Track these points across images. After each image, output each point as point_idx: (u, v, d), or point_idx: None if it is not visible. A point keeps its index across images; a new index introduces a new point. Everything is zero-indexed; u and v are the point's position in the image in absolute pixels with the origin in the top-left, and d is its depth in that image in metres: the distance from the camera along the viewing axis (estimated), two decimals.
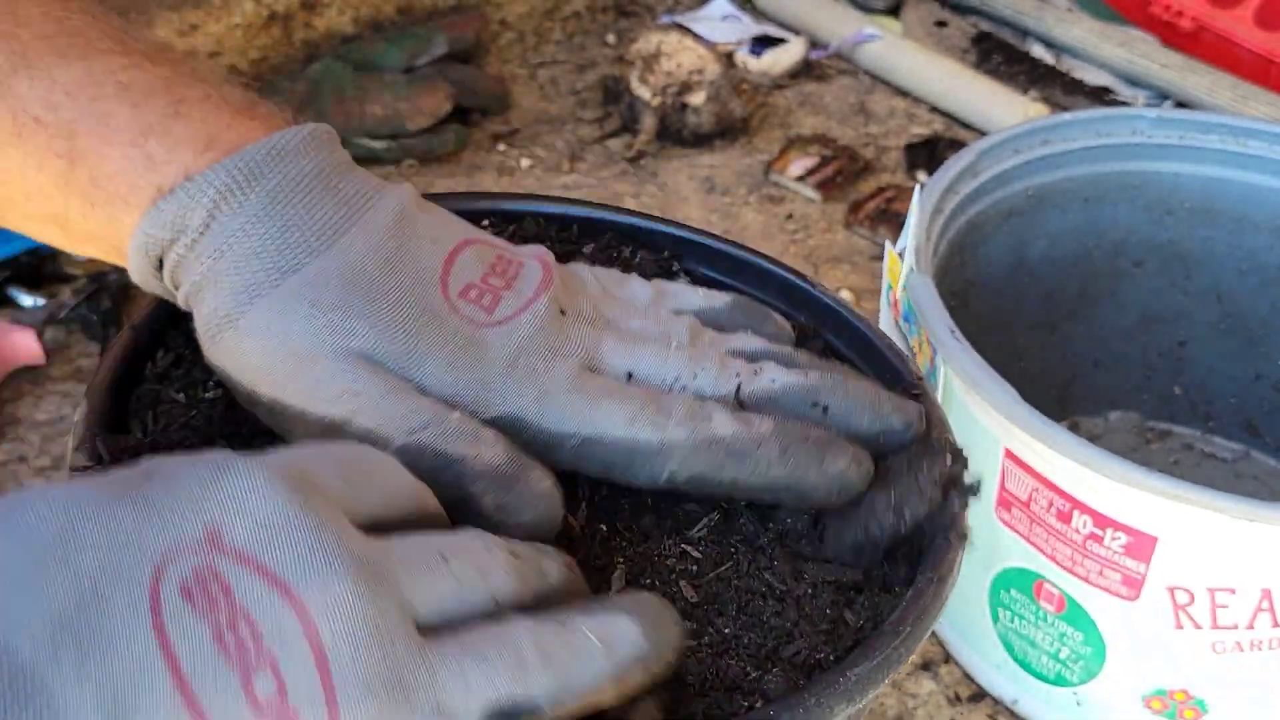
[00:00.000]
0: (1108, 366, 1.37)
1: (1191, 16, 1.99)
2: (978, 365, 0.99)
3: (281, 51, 1.74)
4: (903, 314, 1.10)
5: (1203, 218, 1.28)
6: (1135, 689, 1.03)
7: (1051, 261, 1.29)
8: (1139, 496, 0.93)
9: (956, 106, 1.90)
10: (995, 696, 1.12)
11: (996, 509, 1.02)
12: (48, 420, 1.37)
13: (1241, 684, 1.00)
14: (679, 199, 1.72)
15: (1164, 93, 1.93)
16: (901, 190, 1.71)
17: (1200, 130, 1.26)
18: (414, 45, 1.75)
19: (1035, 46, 2.04)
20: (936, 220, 1.12)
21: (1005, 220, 1.23)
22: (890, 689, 1.15)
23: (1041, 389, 1.22)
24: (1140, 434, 1.38)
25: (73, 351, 1.45)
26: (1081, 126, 1.25)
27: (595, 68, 1.95)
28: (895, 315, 1.12)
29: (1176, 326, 1.34)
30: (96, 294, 1.47)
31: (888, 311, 1.15)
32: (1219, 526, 0.92)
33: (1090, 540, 0.97)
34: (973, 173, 1.19)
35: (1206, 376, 1.35)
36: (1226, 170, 1.25)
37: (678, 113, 1.79)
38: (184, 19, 1.66)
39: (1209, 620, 0.97)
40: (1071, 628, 1.02)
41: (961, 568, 0.70)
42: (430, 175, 1.73)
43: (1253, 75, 1.91)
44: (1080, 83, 1.96)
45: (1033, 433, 0.96)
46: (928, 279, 1.05)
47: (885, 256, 1.11)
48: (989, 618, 1.08)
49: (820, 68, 2.00)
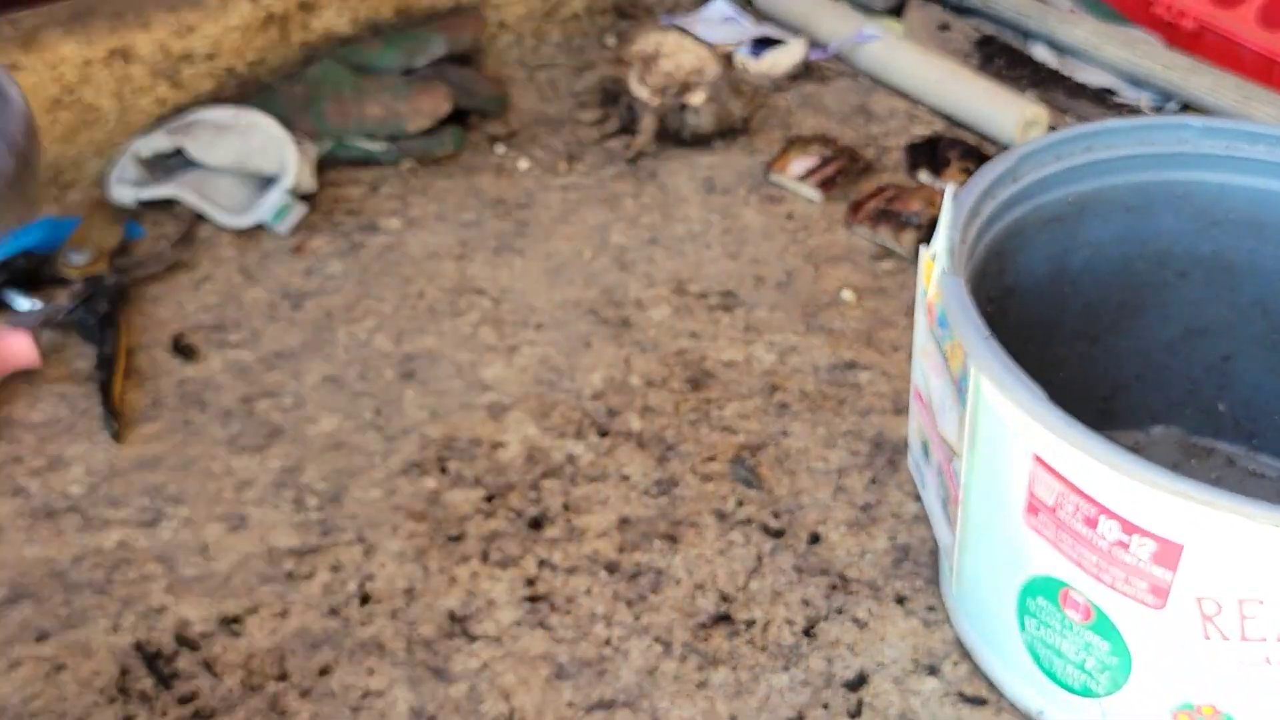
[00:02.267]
0: (1150, 380, 1.35)
1: (1194, 17, 1.98)
2: (1005, 366, 0.97)
3: (279, 53, 1.73)
4: (937, 319, 1.09)
5: (1249, 229, 1.25)
6: (1162, 702, 1.01)
7: (1093, 271, 1.27)
8: (1166, 501, 0.92)
9: (956, 107, 1.89)
10: (1021, 708, 1.11)
11: (1024, 514, 1.01)
12: (43, 421, 1.36)
13: (1271, 699, 0.98)
14: (678, 199, 1.71)
15: (1167, 93, 1.92)
16: (902, 189, 1.70)
17: (1248, 141, 1.24)
18: (412, 47, 1.75)
19: (1038, 49, 2.03)
20: (973, 223, 1.10)
21: (1046, 227, 1.21)
22: (893, 686, 1.15)
23: (1082, 401, 1.21)
24: (1183, 450, 1.36)
25: (69, 354, 1.44)
26: (1126, 134, 1.23)
27: (594, 69, 1.94)
28: (930, 320, 1.11)
29: (1221, 340, 1.32)
30: (93, 297, 1.46)
31: (922, 317, 1.13)
32: (1247, 534, 0.91)
33: (1117, 547, 0.96)
34: (1013, 177, 1.17)
35: (1252, 393, 1.33)
36: (1274, 182, 1.23)
37: (677, 113, 1.78)
38: (181, 20, 1.65)
39: (1237, 632, 0.95)
40: (1098, 637, 1.01)
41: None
42: (428, 176, 1.72)
43: (1256, 75, 1.90)
44: (1083, 86, 1.95)
45: (1059, 434, 0.95)
46: (959, 280, 1.03)
47: (920, 262, 1.09)
48: (1016, 626, 1.06)
49: (820, 69, 1.99)
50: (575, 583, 1.22)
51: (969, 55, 2.03)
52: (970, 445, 1.06)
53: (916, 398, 1.19)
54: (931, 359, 1.12)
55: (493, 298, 1.54)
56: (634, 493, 1.31)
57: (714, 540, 1.27)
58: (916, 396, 1.19)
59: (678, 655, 1.17)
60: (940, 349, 1.08)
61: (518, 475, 1.32)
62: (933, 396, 1.13)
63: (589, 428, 1.38)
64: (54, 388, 1.40)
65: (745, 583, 1.23)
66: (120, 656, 1.16)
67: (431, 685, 1.14)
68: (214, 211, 1.60)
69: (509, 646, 1.17)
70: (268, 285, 1.54)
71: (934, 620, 1.20)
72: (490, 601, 1.20)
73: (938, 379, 1.11)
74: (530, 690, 1.13)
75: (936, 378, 1.11)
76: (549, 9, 1.98)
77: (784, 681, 1.15)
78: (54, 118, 1.60)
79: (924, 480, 1.22)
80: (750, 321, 1.52)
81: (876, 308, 1.55)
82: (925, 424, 1.18)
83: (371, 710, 1.11)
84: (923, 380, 1.16)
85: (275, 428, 1.37)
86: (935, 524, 1.20)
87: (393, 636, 1.17)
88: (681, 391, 1.43)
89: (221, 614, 1.19)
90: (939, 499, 1.17)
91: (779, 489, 1.32)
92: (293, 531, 1.26)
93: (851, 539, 1.27)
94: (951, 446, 1.09)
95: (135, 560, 1.24)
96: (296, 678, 1.14)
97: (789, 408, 1.41)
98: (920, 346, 1.16)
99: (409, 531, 1.26)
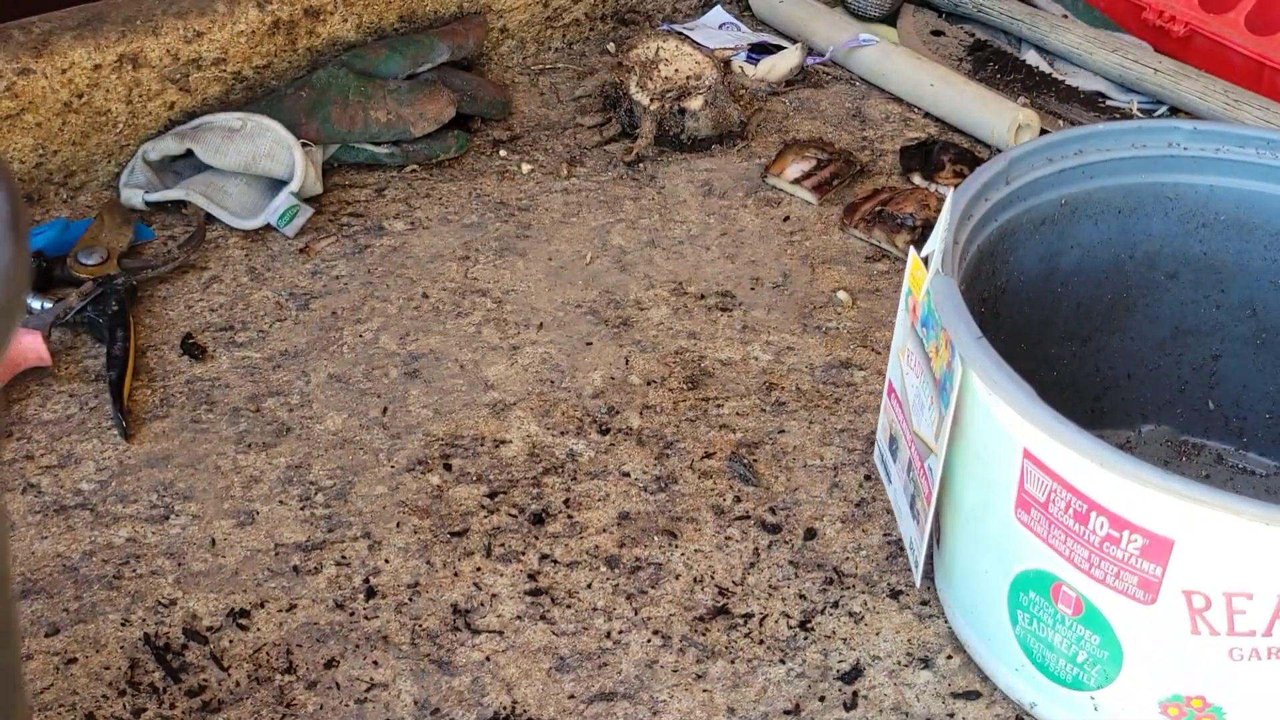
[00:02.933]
0: (1140, 379, 1.37)
1: (1183, 22, 2.00)
2: (997, 365, 0.99)
3: (285, 59, 1.74)
4: (920, 319, 1.11)
5: (1238, 231, 1.28)
6: (1152, 694, 1.03)
7: (1084, 272, 1.29)
8: (1155, 498, 0.94)
9: (949, 111, 1.91)
10: (1014, 701, 1.13)
11: (1015, 510, 1.03)
12: (54, 420, 1.38)
13: (1259, 691, 1.00)
14: (677, 202, 1.73)
15: (1157, 98, 1.94)
16: (897, 192, 1.72)
17: (1236, 144, 1.25)
18: (416, 52, 1.76)
19: (1029, 54, 2.05)
20: (965, 225, 1.12)
21: (1037, 228, 1.23)
22: (887, 679, 1.17)
23: (1073, 400, 1.23)
24: (1173, 447, 1.38)
25: (79, 353, 1.45)
26: (1116, 137, 1.25)
27: (594, 75, 1.96)
28: (913, 320, 1.13)
29: (1210, 340, 1.34)
30: (103, 298, 1.47)
31: (905, 316, 1.15)
32: (1236, 530, 0.93)
33: (1107, 542, 0.98)
34: (1005, 179, 1.19)
35: (1241, 391, 1.35)
36: (1262, 184, 1.25)
37: (676, 118, 1.80)
38: (189, 26, 1.66)
39: (1226, 626, 0.97)
40: (1089, 631, 1.02)
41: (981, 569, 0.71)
42: (432, 180, 1.74)
43: (1244, 80, 1.92)
44: (1074, 90, 1.97)
45: (1050, 432, 0.96)
46: (952, 281, 1.05)
47: (908, 262, 1.11)
48: (1008, 620, 1.08)
49: (816, 74, 2.01)
50: (576, 577, 1.24)
51: (962, 60, 2.05)
52: (960, 442, 1.08)
53: (890, 394, 1.21)
54: (911, 357, 1.14)
55: (495, 298, 1.56)
56: (634, 489, 1.33)
57: (712, 535, 1.29)
58: (890, 392, 1.21)
59: (676, 648, 1.19)
60: (923, 348, 1.10)
61: (520, 472, 1.34)
62: (909, 394, 1.15)
63: (590, 425, 1.40)
64: (65, 386, 1.41)
65: (743, 577, 1.25)
66: (130, 650, 1.18)
67: (435, 677, 1.15)
68: (222, 214, 1.62)
69: (511, 639, 1.19)
70: (275, 286, 1.56)
71: (927, 614, 1.22)
72: (493, 595, 1.22)
73: (916, 377, 1.13)
74: (532, 682, 1.15)
75: (915, 376, 1.13)
76: (550, 16, 1.99)
77: (780, 674, 1.17)
78: (65, 121, 1.62)
79: (889, 475, 1.24)
80: (748, 322, 1.54)
81: (871, 308, 1.57)
82: (897, 420, 1.19)
83: (376, 702, 1.13)
84: (899, 377, 1.18)
85: (283, 426, 1.39)
86: (900, 517, 1.22)
87: (398, 630, 1.19)
88: (680, 390, 1.45)
89: (230, 608, 1.21)
90: (906, 494, 1.19)
91: (776, 485, 1.34)
92: (300, 527, 1.28)
93: (846, 534, 1.29)
94: (926, 444, 1.11)
95: (145, 555, 1.26)
96: (303, 670, 1.16)
97: (785, 406, 1.43)
98: (900, 344, 1.18)
99: (414, 527, 1.28)
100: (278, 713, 1.12)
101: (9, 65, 1.56)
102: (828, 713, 1.14)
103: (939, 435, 1.07)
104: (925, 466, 1.11)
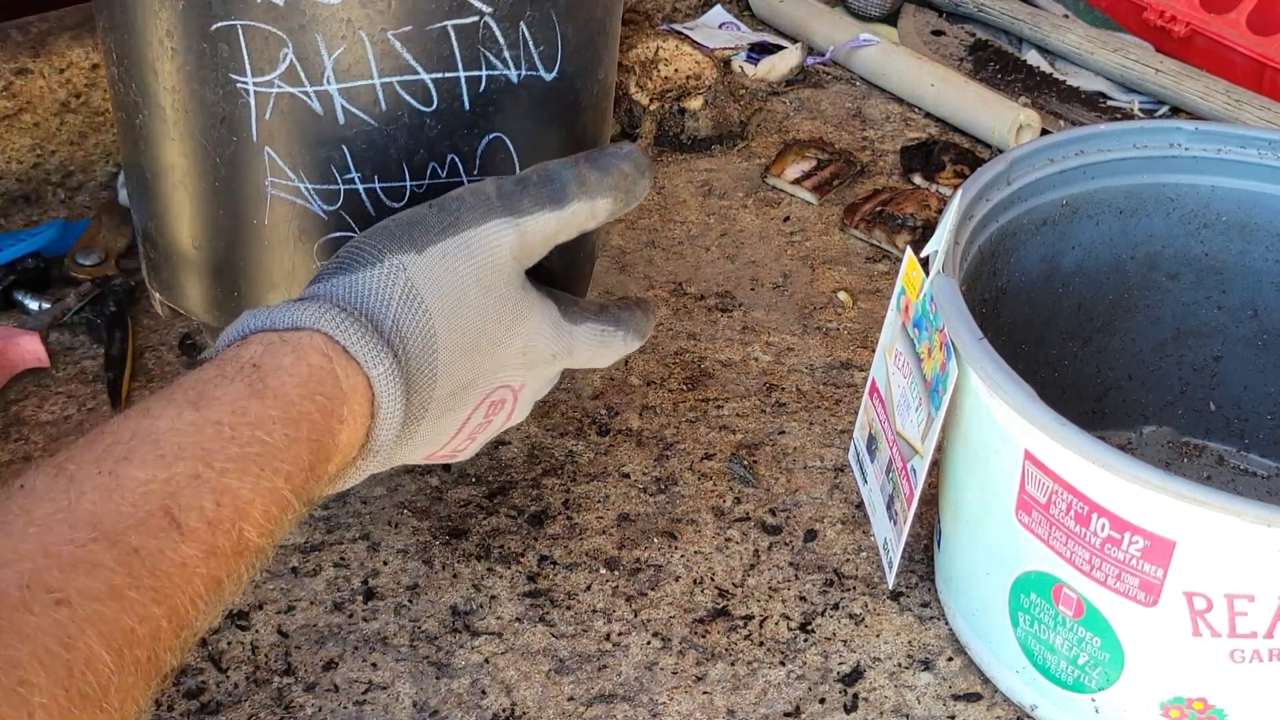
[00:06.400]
0: (1141, 380, 1.36)
1: (1185, 22, 2.00)
2: (998, 366, 0.99)
3: None
4: (913, 320, 1.10)
5: (1239, 231, 1.27)
6: (1153, 696, 1.03)
7: (1085, 273, 1.28)
8: (1156, 499, 0.94)
9: (950, 111, 1.91)
10: (1015, 703, 1.12)
11: (1016, 512, 1.02)
12: (52, 421, 1.38)
13: (1261, 694, 1.00)
14: (676, 202, 1.73)
15: (1158, 98, 1.94)
16: (897, 193, 1.72)
17: (1238, 144, 1.25)
18: None
19: (1030, 54, 2.05)
20: (966, 226, 1.12)
21: (1038, 229, 1.23)
22: (888, 681, 1.17)
23: (1074, 402, 1.22)
24: (1174, 449, 1.38)
25: (77, 354, 1.45)
26: (1118, 137, 1.25)
27: None
28: (905, 320, 1.13)
29: (1212, 341, 1.33)
30: (101, 298, 1.47)
31: (895, 316, 1.15)
32: (1237, 531, 0.93)
33: (1108, 544, 0.97)
34: (1006, 180, 1.19)
35: (1242, 393, 1.35)
36: (1264, 184, 1.24)
37: (676, 118, 1.80)
38: None
39: (1227, 628, 0.97)
40: (1090, 633, 1.02)
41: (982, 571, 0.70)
42: None
43: (1246, 80, 1.92)
44: (1075, 90, 1.97)
45: (1051, 434, 0.96)
46: (952, 281, 1.05)
47: (904, 262, 1.11)
48: (1008, 622, 1.08)
49: (817, 74, 2.01)
50: (575, 579, 1.24)
51: (962, 60, 2.05)
52: (961, 444, 1.08)
53: (871, 393, 1.21)
54: (899, 357, 1.14)
55: None
56: (633, 490, 1.33)
57: (712, 537, 1.29)
58: (872, 392, 1.21)
59: (676, 650, 1.18)
60: (914, 349, 1.10)
61: (519, 473, 1.34)
62: (894, 393, 1.15)
63: (589, 426, 1.40)
64: (63, 387, 1.41)
65: (743, 579, 1.25)
66: None
67: (434, 679, 1.15)
68: None
69: (510, 641, 1.18)
70: None
71: (928, 616, 1.22)
72: (492, 597, 1.22)
73: (904, 377, 1.12)
74: (531, 684, 1.15)
75: (902, 376, 1.13)
76: None
77: (781, 676, 1.17)
78: (62, 121, 1.61)
79: (865, 474, 1.24)
80: (748, 322, 1.54)
81: (872, 309, 1.57)
82: (879, 419, 1.19)
83: (375, 704, 1.13)
84: (883, 376, 1.18)
85: None
86: (874, 518, 1.22)
87: (396, 632, 1.19)
88: (680, 391, 1.44)
89: (228, 609, 1.21)
90: (884, 494, 1.18)
91: (776, 487, 1.34)
92: (298, 528, 1.28)
93: (847, 536, 1.29)
94: (911, 445, 1.11)
95: None
96: (302, 672, 1.16)
97: (786, 407, 1.43)
98: (887, 344, 1.17)
99: (412, 528, 1.28)
100: (276, 715, 1.12)
101: (6, 65, 1.56)
102: (828, 715, 1.14)
103: (926, 437, 1.07)
104: (909, 467, 1.11)
